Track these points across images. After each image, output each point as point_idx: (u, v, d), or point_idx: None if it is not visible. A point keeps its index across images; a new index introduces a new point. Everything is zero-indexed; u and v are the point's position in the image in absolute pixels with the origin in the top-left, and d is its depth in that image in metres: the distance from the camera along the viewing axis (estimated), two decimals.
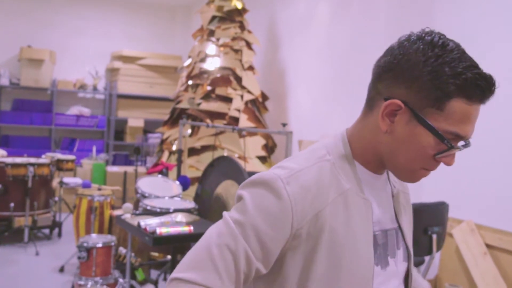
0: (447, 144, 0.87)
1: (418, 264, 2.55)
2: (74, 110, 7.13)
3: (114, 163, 7.27)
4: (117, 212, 4.23)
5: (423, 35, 0.90)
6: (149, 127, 7.36)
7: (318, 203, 0.90)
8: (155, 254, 4.54)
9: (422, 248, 2.40)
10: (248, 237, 0.88)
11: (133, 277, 3.76)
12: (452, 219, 3.13)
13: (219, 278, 0.86)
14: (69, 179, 5.87)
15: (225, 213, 0.93)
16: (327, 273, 0.90)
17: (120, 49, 7.22)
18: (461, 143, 0.92)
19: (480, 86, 0.86)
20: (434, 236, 2.38)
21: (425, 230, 2.37)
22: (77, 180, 5.98)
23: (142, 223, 2.45)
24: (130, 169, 6.42)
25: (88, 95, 7.46)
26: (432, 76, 0.86)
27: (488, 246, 2.93)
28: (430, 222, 2.39)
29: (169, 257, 4.45)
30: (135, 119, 7.23)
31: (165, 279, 4.38)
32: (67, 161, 5.15)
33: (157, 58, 7.34)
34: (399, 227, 1.03)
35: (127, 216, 2.74)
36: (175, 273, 0.88)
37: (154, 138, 6.75)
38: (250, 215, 0.89)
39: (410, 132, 0.89)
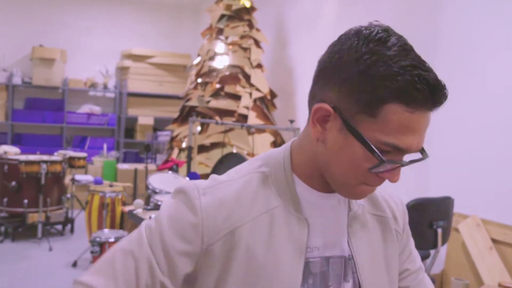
0: (378, 157, 0.73)
1: (424, 258, 2.60)
2: (85, 108, 7.23)
3: (125, 160, 7.37)
4: (128, 208, 4.31)
5: (363, 28, 0.77)
6: (159, 125, 7.44)
7: (235, 219, 0.81)
8: None
9: (427, 242, 2.44)
10: (155, 247, 0.81)
11: None
12: (458, 214, 3.17)
13: (114, 285, 0.79)
14: (80, 177, 5.97)
15: (143, 222, 0.87)
16: None
17: (129, 48, 7.31)
18: (407, 156, 0.77)
19: (420, 91, 0.71)
20: (439, 230, 2.42)
21: (430, 225, 2.41)
22: (89, 178, 6.08)
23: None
24: (140, 166, 6.51)
25: (99, 93, 7.56)
26: (363, 77, 0.72)
27: (494, 241, 2.96)
28: (435, 216, 2.44)
29: None
30: (145, 117, 7.31)
31: None
32: (79, 158, 5.25)
33: (166, 57, 7.42)
34: (352, 256, 0.87)
35: (139, 211, 2.81)
36: (80, 276, 0.84)
37: (163, 136, 6.83)
38: (161, 224, 0.82)
39: (342, 141, 0.77)
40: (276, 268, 0.80)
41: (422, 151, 0.78)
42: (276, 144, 4.98)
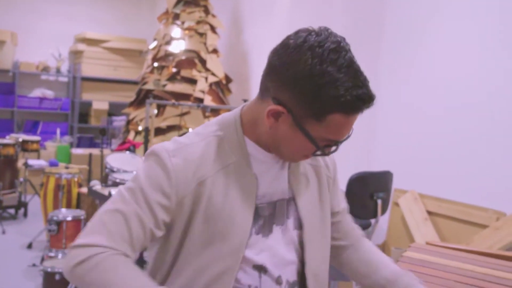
0: (321, 150, 0.96)
1: (365, 227, 2.83)
2: (37, 92, 7.11)
3: (79, 145, 7.31)
4: (84, 190, 4.35)
5: (315, 44, 0.89)
6: (114, 110, 7.42)
7: (200, 175, 0.97)
8: None
9: (368, 212, 2.67)
10: (138, 201, 0.95)
11: None
12: (399, 190, 3.44)
13: (111, 238, 0.92)
14: (33, 161, 5.90)
15: (120, 187, 1.02)
16: (202, 232, 0.98)
17: (83, 32, 7.22)
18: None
19: (357, 105, 0.90)
20: (379, 201, 2.66)
21: (371, 196, 2.64)
22: (42, 162, 6.01)
23: (113, 191, 2.62)
24: (95, 151, 6.49)
25: (51, 77, 7.43)
26: (315, 93, 0.89)
27: (429, 212, 3.25)
28: (376, 188, 2.67)
29: None
30: (100, 102, 7.27)
31: None
32: (32, 142, 5.20)
33: (121, 41, 7.39)
34: (293, 198, 1.07)
35: (98, 188, 2.90)
36: (73, 243, 0.94)
37: (118, 121, 6.82)
38: (139, 182, 0.96)
39: (291, 133, 0.95)
40: (231, 213, 0.98)
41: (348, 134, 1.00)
42: None
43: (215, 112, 4.97)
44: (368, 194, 2.63)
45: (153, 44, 5.37)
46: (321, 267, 1.12)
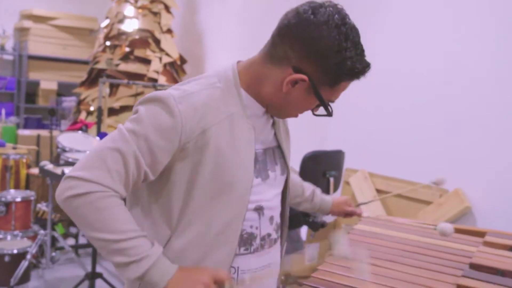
0: (328, 112, 1.09)
1: None
2: None
3: (26, 126, 7.04)
4: (33, 170, 4.23)
5: (339, 23, 1.02)
6: (63, 90, 7.17)
7: (205, 122, 1.03)
8: None
9: (321, 189, 2.75)
10: (139, 144, 0.99)
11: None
12: (350, 169, 3.57)
13: (110, 177, 0.97)
14: None
15: (119, 125, 1.04)
16: (210, 182, 1.04)
17: (30, 8, 6.91)
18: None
19: (362, 74, 1.08)
20: (332, 179, 2.75)
21: (323, 174, 2.73)
22: None
23: (66, 171, 2.58)
24: (43, 132, 6.28)
25: None
26: (337, 66, 1.03)
27: (378, 190, 3.40)
28: (328, 167, 2.76)
29: None
30: (48, 82, 7.01)
31: (83, 235, 4.49)
32: None
33: (70, 19, 7.12)
34: (279, 146, 1.22)
35: (50, 166, 2.83)
36: (69, 173, 0.98)
37: (68, 102, 6.62)
38: (144, 126, 1.00)
39: (304, 97, 1.08)
40: (237, 157, 1.07)
41: None
42: None
43: None
44: (321, 172, 2.71)
45: (105, 22, 5.23)
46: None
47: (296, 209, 1.66)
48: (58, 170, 2.76)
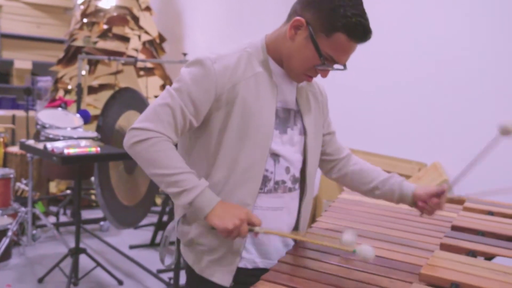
0: (322, 60, 1.21)
1: None
2: None
3: (0, 107, 6.88)
4: (11, 149, 4.16)
5: None
6: (38, 69, 7.01)
7: (235, 78, 1.23)
8: (54, 190, 4.56)
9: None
10: (183, 97, 1.21)
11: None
12: None
13: (163, 126, 1.19)
14: None
15: (167, 86, 1.27)
16: (238, 129, 1.23)
17: None
18: (336, 66, 1.25)
19: (358, 31, 1.17)
20: None
21: None
22: None
23: (49, 145, 2.56)
24: (18, 113, 6.15)
25: None
26: (329, 11, 1.17)
27: None
28: None
29: (68, 191, 4.50)
30: (22, 61, 6.84)
31: (65, 213, 4.45)
32: None
33: None
34: (299, 110, 1.35)
35: (31, 142, 2.80)
36: (132, 126, 1.21)
37: (43, 82, 6.48)
38: (185, 83, 1.22)
39: (305, 44, 1.21)
40: (260, 112, 1.25)
41: (344, 65, 1.26)
42: (165, 86, 5.07)
43: (149, 71, 4.89)
44: None
45: None
46: (314, 171, 1.41)
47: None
48: (40, 146, 2.73)
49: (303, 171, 1.37)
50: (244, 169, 1.24)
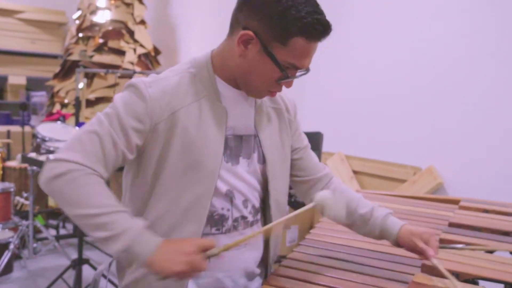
0: (284, 74, 1.05)
1: None
2: None
3: None
4: (10, 164, 4.18)
5: None
6: (32, 85, 7.04)
7: (174, 104, 1.07)
8: (53, 204, 4.58)
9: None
10: (113, 124, 1.03)
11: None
12: (327, 152, 3.69)
13: (88, 157, 1.00)
14: None
15: (97, 112, 1.09)
16: (179, 160, 1.07)
17: None
18: (299, 72, 1.08)
19: (317, 30, 1.01)
20: None
21: None
22: None
23: (52, 156, 2.59)
24: (13, 128, 6.16)
25: None
26: (280, 16, 1.00)
27: (355, 171, 3.53)
28: None
29: None
30: (16, 76, 6.87)
31: (64, 226, 4.47)
32: None
33: (37, 13, 6.99)
34: (257, 135, 1.18)
35: (33, 155, 2.83)
36: (52, 156, 1.03)
37: (38, 97, 6.51)
38: (116, 108, 1.05)
39: (259, 59, 1.05)
40: (204, 141, 1.09)
41: (307, 69, 1.10)
42: None
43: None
44: None
45: (77, 14, 5.19)
46: (282, 197, 1.25)
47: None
48: (42, 158, 2.77)
49: (266, 199, 1.22)
50: (186, 207, 1.08)
